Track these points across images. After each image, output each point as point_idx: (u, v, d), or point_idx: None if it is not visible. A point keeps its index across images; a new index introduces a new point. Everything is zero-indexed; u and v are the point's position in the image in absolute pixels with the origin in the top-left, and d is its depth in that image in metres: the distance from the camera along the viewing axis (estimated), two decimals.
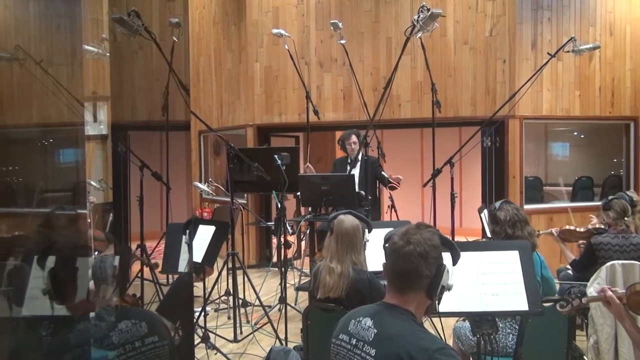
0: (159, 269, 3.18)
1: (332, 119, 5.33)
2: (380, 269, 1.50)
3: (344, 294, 2.27)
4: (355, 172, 4.27)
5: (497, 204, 2.51)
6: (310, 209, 4.14)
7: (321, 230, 4.04)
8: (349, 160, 4.41)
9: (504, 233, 2.43)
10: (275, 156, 3.58)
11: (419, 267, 1.39)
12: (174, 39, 3.63)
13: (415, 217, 6.99)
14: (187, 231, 3.23)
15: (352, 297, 2.27)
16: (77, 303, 1.37)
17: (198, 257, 3.36)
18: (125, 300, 1.84)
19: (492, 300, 1.90)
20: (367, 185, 3.80)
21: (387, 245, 1.46)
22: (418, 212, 7.35)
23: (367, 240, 2.41)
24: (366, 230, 2.42)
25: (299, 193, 4.06)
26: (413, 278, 1.41)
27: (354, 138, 4.34)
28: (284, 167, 3.61)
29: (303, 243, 5.21)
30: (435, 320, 2.79)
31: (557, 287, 2.84)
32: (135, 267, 3.47)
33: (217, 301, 4.03)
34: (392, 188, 4.07)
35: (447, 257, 1.49)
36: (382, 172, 4.26)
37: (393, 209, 4.45)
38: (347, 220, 2.36)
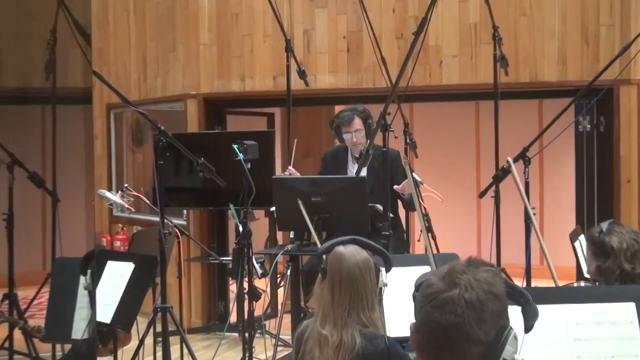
0: (41, 334, 3.20)
1: (329, 86, 5.35)
2: (408, 334, 1.47)
3: None
4: (364, 172, 4.28)
5: (604, 226, 2.54)
6: (292, 234, 4.19)
7: (310, 271, 4.08)
8: (354, 155, 4.42)
9: (619, 269, 2.45)
10: (235, 147, 3.67)
11: (467, 325, 1.35)
12: None
13: (467, 248, 7.01)
14: (88, 271, 3.26)
15: None
16: None
17: (106, 314, 3.37)
18: None
19: None
20: (385, 197, 3.78)
21: (418, 293, 1.45)
22: (471, 238, 7.37)
23: (385, 285, 2.44)
24: (382, 270, 2.43)
25: (274, 208, 4.11)
26: (456, 342, 1.36)
27: (357, 124, 4.33)
28: (249, 166, 3.68)
29: (281, 292, 5.19)
30: None
31: None
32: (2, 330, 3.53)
33: None
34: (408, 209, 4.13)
35: (514, 316, 1.45)
36: (413, 173, 4.19)
37: (429, 235, 4.29)
38: (349, 253, 2.36)
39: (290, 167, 4.39)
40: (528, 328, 1.47)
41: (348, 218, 3.84)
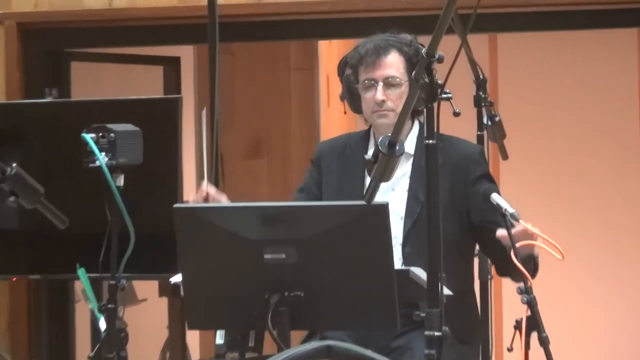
0: None
1: None
2: None
3: None
4: (399, 194, 4.49)
5: None
6: (220, 337, 4.26)
7: None
8: (380, 150, 4.53)
9: None
10: (88, 137, 3.89)
11: None
12: None
13: None
14: None
15: None
16: None
17: None
18: None
19: None
20: (434, 248, 3.79)
21: None
22: (633, 341, 7.53)
23: None
24: None
25: (178, 278, 4.20)
26: None
27: (390, 62, 4.50)
28: (122, 182, 3.96)
29: None
30: None
31: None
32: None
33: None
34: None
35: None
36: (497, 199, 4.36)
37: (533, 335, 4.27)
38: None
39: (203, 185, 4.46)
40: None
41: (349, 300, 3.85)
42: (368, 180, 4.17)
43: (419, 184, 4.31)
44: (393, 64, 4.39)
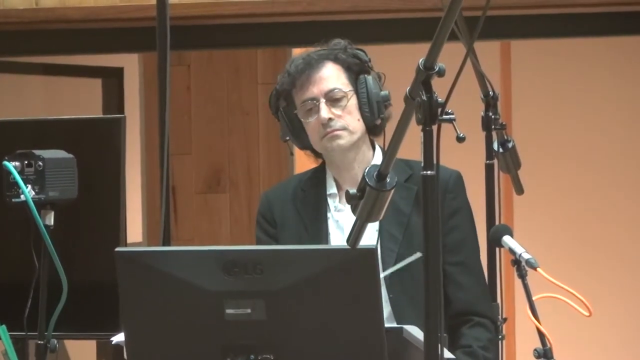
0: None
1: None
2: None
3: None
4: (368, 236, 4.35)
5: None
6: None
7: None
8: (341, 184, 4.74)
9: None
10: (10, 165, 3.99)
11: None
12: None
13: None
14: None
15: None
16: None
17: None
18: None
19: None
20: (438, 303, 3.81)
21: None
22: None
23: None
24: None
25: (120, 338, 4.29)
26: None
27: (327, 77, 4.66)
28: (52, 221, 4.03)
29: None
30: None
31: None
32: None
33: None
34: None
35: None
36: (509, 242, 4.48)
37: None
38: None
39: None
40: None
41: None
42: (332, 225, 4.62)
43: (390, 221, 4.44)
44: (331, 76, 4.54)
